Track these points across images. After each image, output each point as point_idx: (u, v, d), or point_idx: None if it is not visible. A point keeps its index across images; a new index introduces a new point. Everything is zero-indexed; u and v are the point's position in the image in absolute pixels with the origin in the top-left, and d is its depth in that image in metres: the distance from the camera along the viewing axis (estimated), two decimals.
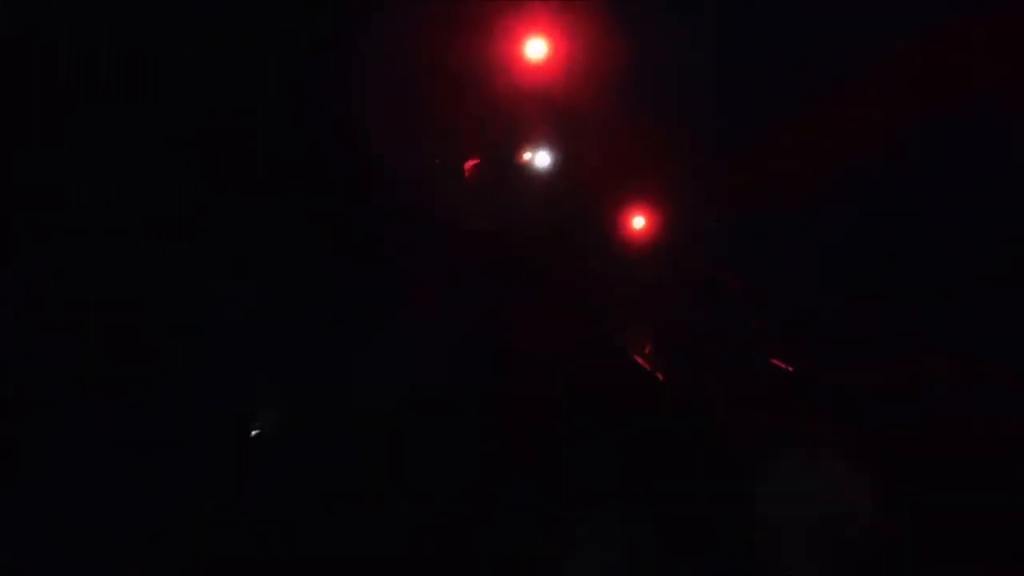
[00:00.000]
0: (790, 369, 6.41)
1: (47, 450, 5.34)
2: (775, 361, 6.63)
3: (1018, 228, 5.88)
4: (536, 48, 7.05)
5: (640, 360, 6.70)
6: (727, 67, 6.61)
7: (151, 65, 5.75)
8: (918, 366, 6.03)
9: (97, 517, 5.16)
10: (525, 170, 7.75)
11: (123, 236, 5.76)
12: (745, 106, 6.53)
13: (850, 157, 6.16)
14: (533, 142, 7.73)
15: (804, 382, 6.43)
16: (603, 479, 5.88)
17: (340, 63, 6.26)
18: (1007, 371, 5.66)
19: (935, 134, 5.92)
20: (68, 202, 5.64)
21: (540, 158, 7.76)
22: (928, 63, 5.85)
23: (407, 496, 5.75)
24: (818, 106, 6.15)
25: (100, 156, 5.71)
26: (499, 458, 6.03)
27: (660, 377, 6.35)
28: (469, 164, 7.66)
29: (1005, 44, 5.57)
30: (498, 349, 6.64)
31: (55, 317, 5.55)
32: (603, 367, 6.81)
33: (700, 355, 7.03)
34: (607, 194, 7.71)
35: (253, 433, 5.86)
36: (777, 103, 6.34)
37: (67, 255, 5.67)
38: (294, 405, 6.02)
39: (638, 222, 7.73)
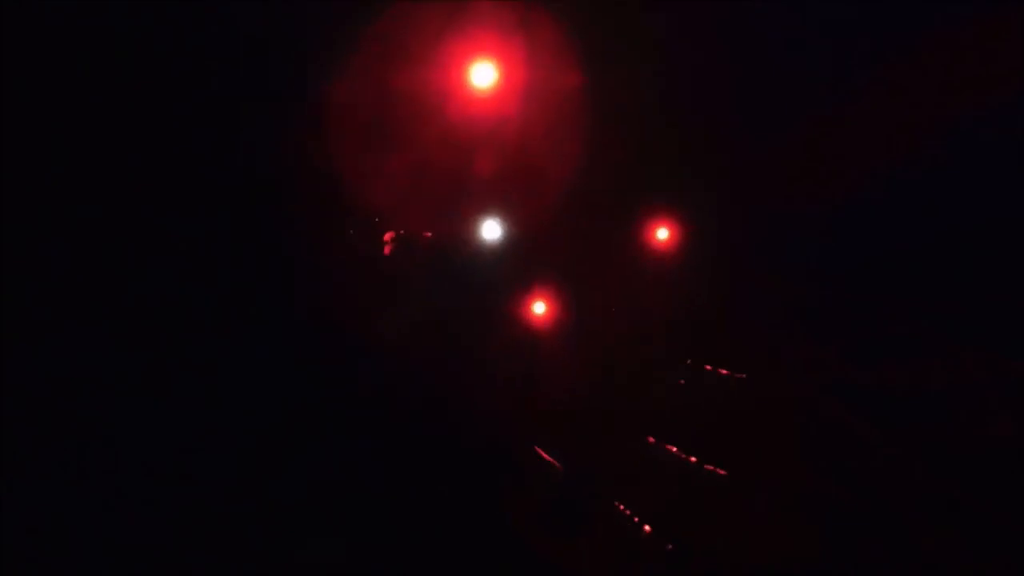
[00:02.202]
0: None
1: (47, 450, 5.35)
2: None
3: (1018, 228, 5.89)
4: (483, 74, 5.79)
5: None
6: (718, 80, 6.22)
7: (151, 65, 5.76)
8: (919, 366, 6.04)
9: (98, 517, 5.17)
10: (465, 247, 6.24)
11: (123, 236, 5.77)
12: (743, 111, 6.46)
13: (854, 159, 6.17)
14: (476, 204, 6.17)
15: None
16: None
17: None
18: (1008, 371, 5.67)
19: (935, 134, 5.93)
20: (68, 202, 5.65)
21: (488, 228, 6.22)
22: (925, 64, 5.86)
23: (407, 495, 5.78)
24: (821, 111, 6.16)
25: (100, 156, 5.71)
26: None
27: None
28: (387, 237, 6.45)
29: (1006, 44, 5.58)
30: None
31: (58, 317, 5.56)
32: None
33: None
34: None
35: (257, 434, 5.86)
36: (778, 107, 6.33)
37: (67, 255, 5.67)
38: (294, 405, 6.03)
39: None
